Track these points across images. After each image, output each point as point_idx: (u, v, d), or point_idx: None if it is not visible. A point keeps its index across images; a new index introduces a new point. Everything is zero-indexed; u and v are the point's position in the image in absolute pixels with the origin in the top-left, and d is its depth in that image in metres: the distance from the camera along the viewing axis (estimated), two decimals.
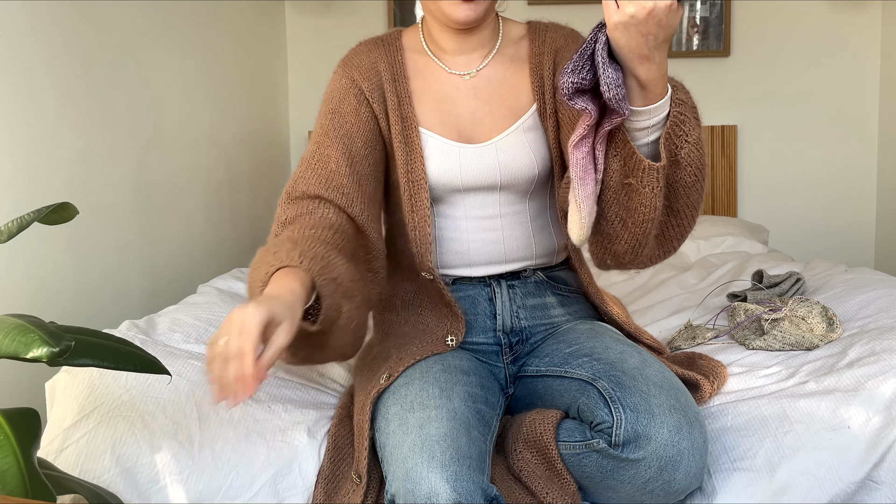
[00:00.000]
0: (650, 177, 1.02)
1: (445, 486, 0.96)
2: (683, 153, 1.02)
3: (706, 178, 1.08)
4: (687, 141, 1.02)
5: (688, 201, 1.08)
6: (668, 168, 1.04)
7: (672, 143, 1.02)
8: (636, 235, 1.08)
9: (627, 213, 1.06)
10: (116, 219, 1.93)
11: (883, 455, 1.09)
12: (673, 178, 1.05)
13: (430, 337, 1.22)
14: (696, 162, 1.04)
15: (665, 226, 1.11)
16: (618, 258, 1.14)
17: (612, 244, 1.11)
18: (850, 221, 3.03)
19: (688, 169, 1.04)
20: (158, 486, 1.13)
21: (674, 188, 1.06)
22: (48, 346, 0.78)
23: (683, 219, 1.10)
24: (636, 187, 1.03)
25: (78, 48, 1.78)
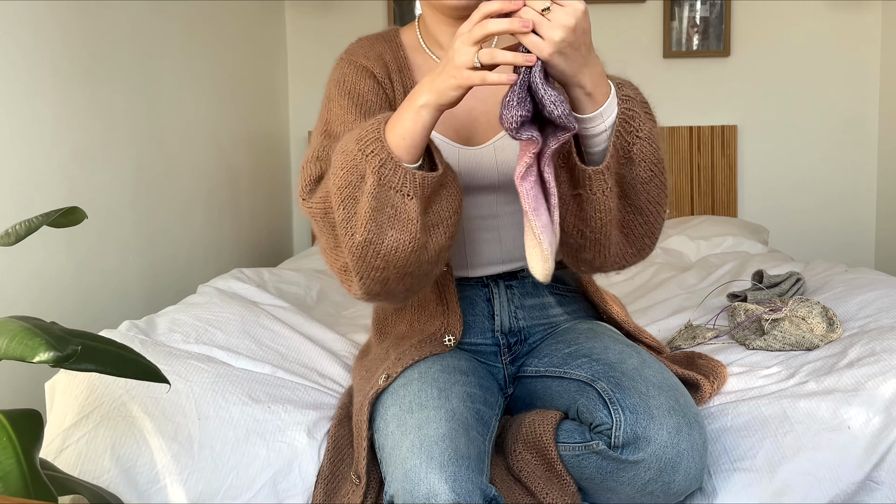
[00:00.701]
0: (598, 182, 1.03)
1: (444, 486, 0.96)
2: (636, 149, 1.03)
3: (664, 172, 1.08)
4: (638, 137, 1.03)
5: (648, 197, 1.08)
6: (623, 166, 1.04)
7: (623, 141, 1.02)
8: (598, 241, 1.09)
9: (583, 223, 1.07)
10: (116, 219, 1.93)
11: (883, 455, 1.10)
12: (629, 176, 1.05)
13: (428, 337, 1.22)
14: (650, 157, 1.04)
15: (631, 224, 1.11)
16: (589, 264, 1.15)
17: (579, 253, 1.13)
18: (850, 221, 3.03)
19: (642, 165, 1.04)
20: (158, 486, 1.13)
21: (632, 185, 1.07)
22: (54, 351, 0.79)
23: (648, 215, 1.10)
24: (586, 196, 1.04)
25: (78, 48, 1.78)
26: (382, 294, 1.09)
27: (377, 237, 1.01)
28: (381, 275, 1.05)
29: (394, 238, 1.01)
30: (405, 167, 0.99)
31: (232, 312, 1.55)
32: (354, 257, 1.04)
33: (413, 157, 1.00)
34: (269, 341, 1.48)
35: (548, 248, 0.98)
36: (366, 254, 1.03)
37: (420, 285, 1.11)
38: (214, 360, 1.35)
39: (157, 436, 1.16)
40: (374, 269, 1.04)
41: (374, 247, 1.02)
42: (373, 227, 1.01)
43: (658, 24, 2.97)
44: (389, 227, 1.01)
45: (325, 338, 1.58)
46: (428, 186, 1.00)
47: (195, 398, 1.22)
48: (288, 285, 2.04)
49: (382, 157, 0.99)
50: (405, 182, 0.98)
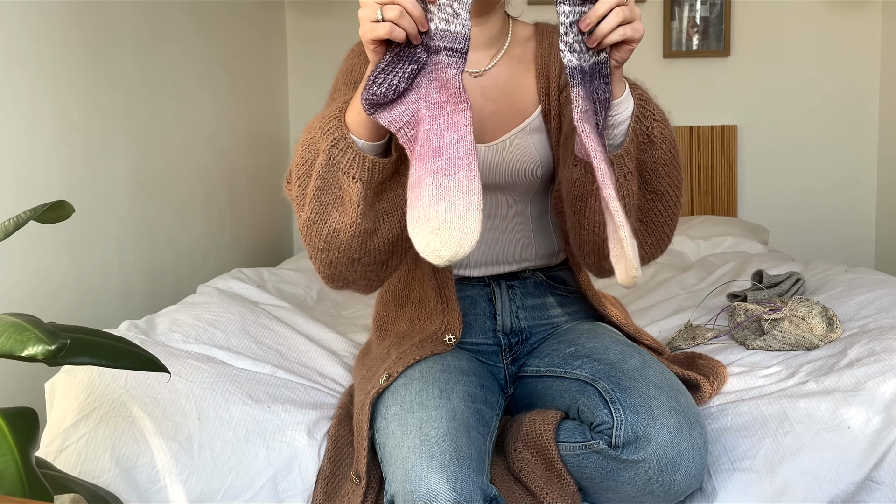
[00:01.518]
0: (621, 167, 1.02)
1: (445, 486, 0.96)
2: (656, 131, 1.03)
3: (678, 154, 1.08)
4: (655, 119, 1.03)
5: (669, 180, 1.08)
6: (645, 150, 1.04)
7: (642, 125, 1.03)
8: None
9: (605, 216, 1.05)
10: (116, 219, 1.93)
11: (883, 455, 1.09)
12: (651, 159, 1.05)
13: (429, 336, 1.22)
14: (668, 138, 1.05)
15: (651, 212, 1.11)
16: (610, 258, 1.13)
17: (602, 248, 1.11)
18: (850, 221, 3.03)
19: (663, 146, 1.05)
20: (158, 486, 1.13)
21: (653, 169, 1.06)
22: (44, 344, 0.78)
23: (668, 199, 1.10)
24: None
25: (78, 48, 1.78)
26: (337, 278, 1.09)
27: (319, 217, 1.01)
28: (326, 257, 1.05)
29: (336, 220, 1.01)
30: (356, 149, 0.97)
31: (232, 312, 1.54)
32: (302, 236, 1.05)
33: (371, 133, 0.98)
34: (269, 341, 1.48)
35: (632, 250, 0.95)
36: (310, 233, 1.03)
37: (380, 275, 1.10)
38: (214, 360, 1.35)
39: (157, 436, 1.16)
40: (319, 251, 1.04)
41: (317, 227, 1.02)
42: (316, 206, 1.01)
43: (658, 24, 2.97)
44: (333, 209, 1.01)
45: (325, 338, 1.58)
46: (378, 172, 0.98)
47: (195, 398, 1.22)
48: (288, 285, 2.04)
49: (336, 136, 0.98)
50: (353, 164, 0.97)
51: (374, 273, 1.10)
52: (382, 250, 1.06)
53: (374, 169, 0.98)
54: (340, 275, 1.08)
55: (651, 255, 1.15)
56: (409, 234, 0.91)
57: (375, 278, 1.11)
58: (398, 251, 1.09)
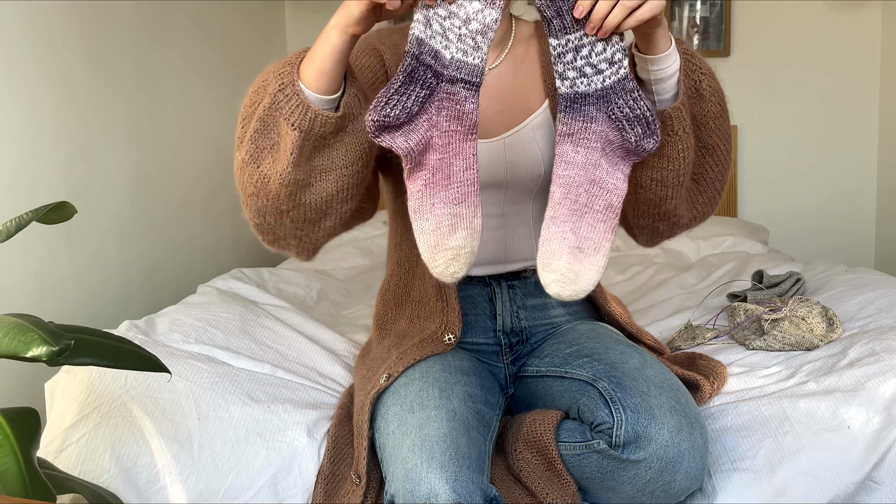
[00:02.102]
0: (679, 119, 1.02)
1: (445, 486, 0.96)
2: (705, 84, 1.04)
3: (727, 107, 1.08)
4: (703, 73, 1.03)
5: (719, 133, 1.08)
6: (695, 104, 1.04)
7: (690, 79, 1.03)
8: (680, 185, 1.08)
9: (665, 170, 1.05)
10: (116, 219, 1.93)
11: (883, 455, 1.09)
12: (701, 113, 1.05)
13: (429, 336, 1.22)
14: (717, 90, 1.05)
15: (703, 167, 1.10)
16: (669, 219, 1.13)
17: (660, 206, 1.10)
18: (850, 221, 3.03)
19: (712, 98, 1.05)
20: (158, 486, 1.13)
21: (704, 123, 1.06)
22: (48, 345, 0.78)
23: (720, 153, 1.10)
24: (667, 140, 1.03)
25: (78, 48, 1.78)
26: (266, 230, 1.07)
27: (253, 160, 1.00)
28: (255, 203, 1.04)
29: (268, 166, 1.00)
30: (302, 97, 0.96)
31: (232, 312, 1.54)
32: (236, 177, 1.04)
33: (322, 85, 0.97)
34: (269, 341, 1.48)
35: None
36: (242, 176, 1.02)
37: (311, 235, 1.08)
38: (214, 360, 1.35)
39: (157, 436, 1.16)
40: (249, 196, 1.04)
41: (250, 170, 1.01)
42: (251, 148, 1.00)
43: None
44: (268, 154, 1.00)
45: (325, 338, 1.58)
46: (319, 124, 0.96)
47: (195, 398, 1.22)
48: (288, 285, 2.04)
49: (285, 81, 0.97)
50: (295, 111, 0.96)
51: (303, 232, 1.07)
52: (314, 208, 1.04)
53: (315, 120, 0.96)
54: (269, 226, 1.07)
55: (703, 215, 1.15)
56: (425, 258, 0.94)
57: (306, 238, 1.09)
58: (332, 213, 1.06)
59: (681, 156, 1.04)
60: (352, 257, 2.49)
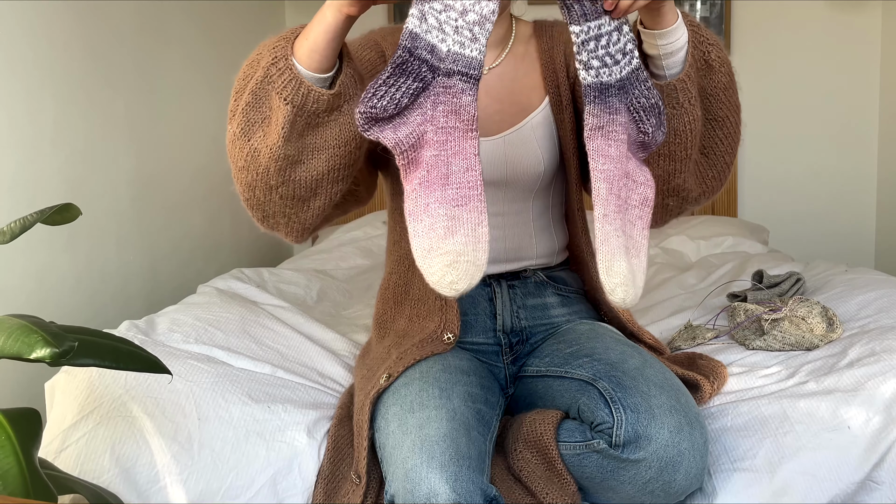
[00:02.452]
0: (684, 91, 1.01)
1: (445, 486, 0.96)
2: (714, 55, 1.02)
3: (735, 79, 1.07)
4: (710, 43, 1.02)
5: (729, 105, 1.07)
6: (704, 76, 1.03)
7: (699, 50, 1.01)
8: (687, 158, 1.06)
9: (673, 145, 1.04)
10: (116, 219, 1.93)
11: (883, 455, 1.09)
12: (710, 85, 1.04)
13: (429, 336, 1.22)
14: (726, 61, 1.04)
15: (712, 140, 1.09)
16: (678, 194, 1.11)
17: (669, 181, 1.09)
18: (850, 221, 3.03)
19: (721, 69, 1.04)
20: (158, 486, 1.13)
21: (714, 94, 1.05)
22: (51, 347, 0.78)
23: (729, 126, 1.09)
24: (672, 113, 1.01)
25: (78, 49, 1.78)
26: (256, 206, 1.06)
27: (244, 133, 0.99)
28: (245, 177, 1.03)
29: (259, 140, 0.99)
30: (295, 72, 0.95)
31: (232, 312, 1.54)
32: (228, 151, 1.03)
33: (314, 62, 0.96)
34: (269, 341, 1.48)
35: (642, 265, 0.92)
36: (234, 149, 1.02)
37: (300, 214, 1.07)
38: (214, 360, 1.35)
39: (157, 436, 1.16)
40: (239, 169, 1.03)
41: (240, 143, 1.00)
42: (243, 121, 0.99)
43: None
44: (259, 127, 0.99)
45: (325, 338, 1.58)
46: (312, 100, 0.96)
47: (195, 398, 1.22)
48: (288, 285, 2.04)
49: (278, 55, 0.96)
50: (287, 86, 0.95)
51: (293, 210, 1.06)
52: (303, 185, 1.03)
53: (308, 95, 0.96)
54: (258, 202, 1.06)
55: (712, 189, 1.13)
56: (419, 263, 0.87)
57: (295, 217, 1.08)
58: (322, 193, 1.05)
59: (687, 128, 1.03)
60: (352, 257, 2.49)
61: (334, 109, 0.99)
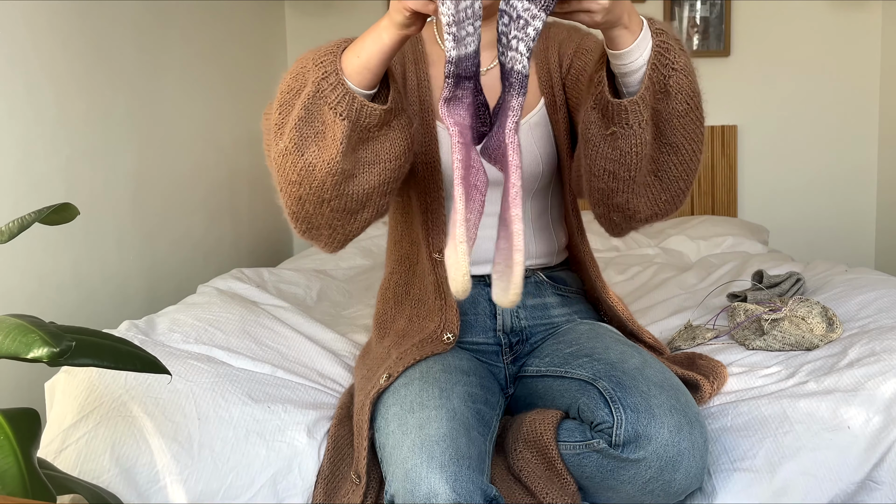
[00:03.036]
0: (634, 113, 0.99)
1: (445, 486, 0.96)
2: (672, 81, 1.00)
3: (701, 107, 1.05)
4: (674, 69, 0.99)
5: (685, 133, 1.04)
6: (660, 101, 1.01)
7: (659, 73, 0.99)
8: (632, 179, 1.05)
9: (617, 163, 1.03)
10: (116, 219, 1.93)
11: (883, 455, 1.09)
12: (666, 110, 1.02)
13: (428, 336, 1.22)
14: (686, 89, 1.01)
15: (665, 165, 1.07)
16: (622, 211, 1.10)
17: (611, 199, 1.08)
18: (850, 221, 3.03)
19: (678, 97, 1.01)
20: (158, 486, 1.13)
21: (668, 120, 1.03)
22: (49, 347, 0.78)
23: (684, 153, 1.06)
24: (621, 132, 1.00)
25: (78, 48, 1.78)
26: (303, 218, 1.06)
27: (297, 148, 0.99)
28: (297, 191, 1.03)
29: (314, 154, 0.99)
30: (348, 87, 0.96)
31: (232, 312, 1.54)
32: (276, 165, 1.02)
33: (364, 80, 0.97)
34: (269, 341, 1.48)
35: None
36: (285, 163, 1.01)
37: (346, 227, 1.08)
38: (214, 360, 1.35)
39: (157, 436, 1.16)
40: (291, 183, 1.02)
41: (293, 158, 1.00)
42: (296, 135, 0.99)
43: None
44: (312, 142, 0.99)
45: (325, 338, 1.58)
46: (365, 116, 0.97)
47: (195, 398, 1.22)
48: (288, 285, 2.04)
49: (328, 69, 0.96)
50: (342, 101, 0.96)
51: (340, 222, 1.07)
52: (355, 199, 1.04)
53: (362, 111, 0.96)
54: (307, 215, 1.06)
55: (665, 211, 1.12)
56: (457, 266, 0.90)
57: (341, 229, 1.08)
58: (371, 206, 1.06)
59: (633, 150, 1.01)
60: (352, 257, 2.49)
61: (384, 125, 1.00)
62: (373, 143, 1.01)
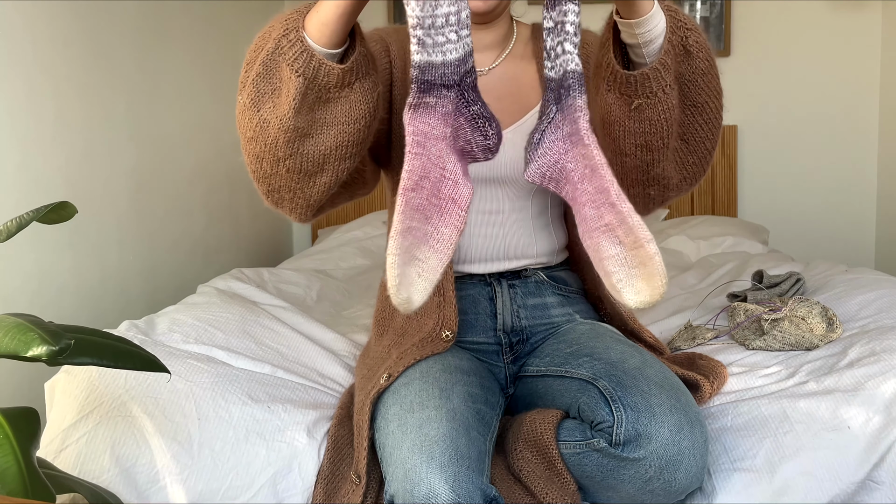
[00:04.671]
0: (658, 80, 0.98)
1: (444, 486, 0.96)
2: (692, 40, 0.99)
3: (716, 62, 1.04)
4: (689, 28, 0.99)
5: (709, 90, 1.04)
6: (682, 62, 1.00)
7: (677, 36, 0.98)
8: (665, 147, 1.05)
9: (648, 134, 1.02)
10: (116, 219, 1.93)
11: (883, 455, 1.09)
12: (689, 70, 1.01)
13: (428, 335, 1.22)
14: (704, 45, 1.01)
15: (692, 126, 1.06)
16: (658, 182, 1.09)
17: (649, 171, 1.07)
18: (850, 221, 3.03)
19: (700, 55, 1.01)
20: (158, 486, 1.13)
21: (692, 80, 1.02)
22: (48, 345, 0.78)
23: (709, 111, 1.06)
24: (648, 102, 0.99)
25: (78, 48, 1.78)
26: (263, 178, 1.06)
27: (254, 104, 0.99)
28: (254, 149, 1.03)
29: (268, 111, 0.99)
30: (307, 44, 0.95)
31: (232, 312, 1.54)
32: (237, 122, 1.03)
33: (325, 37, 0.95)
34: (269, 341, 1.48)
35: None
36: (243, 119, 1.01)
37: (306, 190, 1.07)
38: (214, 360, 1.35)
39: (157, 436, 1.16)
40: (248, 140, 1.03)
41: (250, 114, 1.00)
42: (253, 91, 0.99)
43: None
44: (269, 98, 0.99)
45: (325, 338, 1.58)
46: (323, 74, 0.96)
47: (195, 398, 1.22)
48: (288, 285, 2.04)
49: (289, 27, 0.96)
50: (299, 58, 0.95)
51: (298, 184, 1.06)
52: (311, 159, 1.03)
53: (319, 68, 0.95)
54: (265, 174, 1.05)
55: (694, 176, 1.11)
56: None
57: (300, 193, 1.07)
58: (329, 169, 1.05)
59: (662, 117, 1.01)
60: (352, 257, 2.49)
61: (345, 86, 0.98)
62: (331, 104, 0.99)
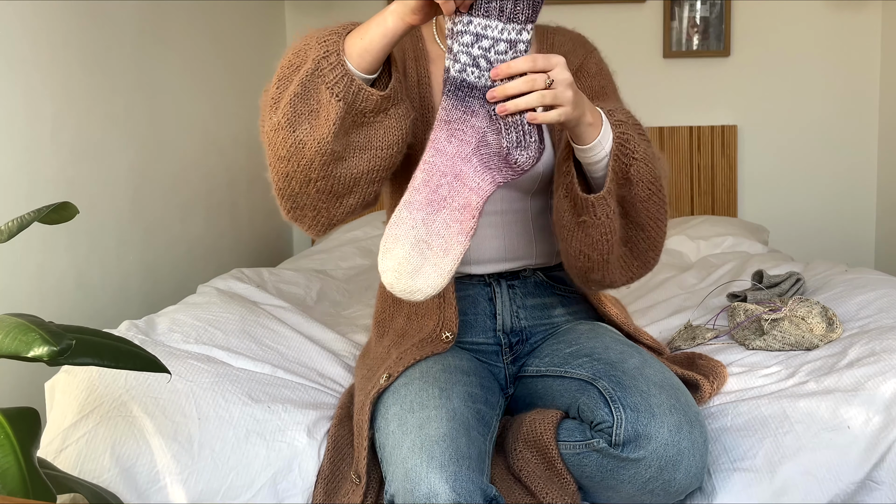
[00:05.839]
0: (601, 207, 1.06)
1: (444, 486, 0.96)
2: (633, 170, 1.06)
3: (662, 190, 1.11)
4: (634, 158, 1.06)
5: (648, 214, 1.12)
6: (623, 187, 1.07)
7: (620, 163, 1.05)
8: (605, 261, 1.13)
9: (589, 247, 1.11)
10: (116, 219, 1.93)
11: (883, 455, 1.09)
12: (628, 196, 1.09)
13: (428, 335, 1.22)
14: (646, 177, 1.07)
15: (634, 240, 1.15)
16: (599, 283, 1.19)
17: (587, 275, 1.16)
18: (850, 221, 3.02)
19: (640, 184, 1.08)
20: (158, 486, 1.13)
21: (632, 204, 1.10)
22: (49, 345, 0.78)
23: (650, 230, 1.14)
24: (591, 221, 1.07)
25: (78, 48, 1.78)
26: (289, 195, 1.06)
27: (290, 124, 0.99)
28: (285, 167, 1.03)
29: (305, 132, 0.99)
30: (348, 68, 0.96)
31: (232, 312, 1.54)
32: (268, 139, 1.03)
33: (365, 63, 0.97)
34: (269, 341, 1.48)
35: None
36: (276, 138, 1.01)
37: (331, 210, 1.08)
38: (214, 360, 1.35)
39: (157, 436, 1.16)
40: (280, 159, 1.02)
41: (284, 133, 1.00)
42: (290, 111, 0.99)
43: (658, 24, 2.97)
44: (305, 120, 0.99)
45: (325, 338, 1.58)
46: (362, 99, 0.97)
47: (195, 398, 1.22)
48: (288, 285, 2.04)
49: (330, 49, 0.97)
50: (339, 81, 0.96)
51: (325, 204, 1.07)
52: (342, 182, 1.04)
53: (359, 93, 0.97)
54: (293, 193, 1.05)
55: (639, 275, 1.21)
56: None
57: (325, 212, 1.08)
58: (358, 192, 1.06)
59: (604, 238, 1.09)
60: (352, 257, 2.49)
61: (380, 111, 1.00)
62: (366, 129, 1.01)
